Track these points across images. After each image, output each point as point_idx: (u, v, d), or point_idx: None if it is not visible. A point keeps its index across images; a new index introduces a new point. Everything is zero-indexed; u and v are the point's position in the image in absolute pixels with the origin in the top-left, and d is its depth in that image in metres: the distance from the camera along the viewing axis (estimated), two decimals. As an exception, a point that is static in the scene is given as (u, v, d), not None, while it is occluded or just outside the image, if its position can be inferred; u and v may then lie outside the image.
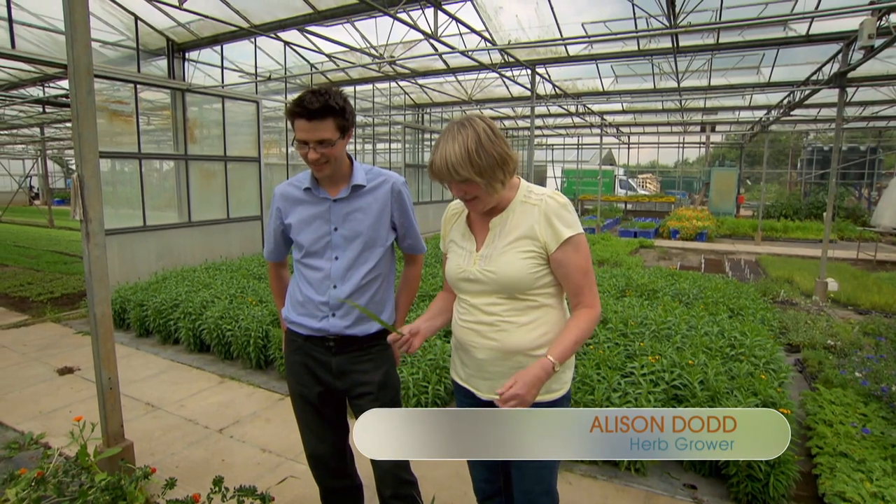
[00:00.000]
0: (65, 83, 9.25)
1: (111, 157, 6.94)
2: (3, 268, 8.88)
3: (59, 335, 5.36)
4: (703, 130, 21.47)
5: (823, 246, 7.14)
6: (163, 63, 8.01)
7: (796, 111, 13.37)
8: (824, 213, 7.14)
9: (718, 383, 3.00)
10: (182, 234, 7.58)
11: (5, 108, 12.95)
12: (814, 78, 9.17)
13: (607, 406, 2.92)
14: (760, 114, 15.35)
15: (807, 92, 9.61)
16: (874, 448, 2.87)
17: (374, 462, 1.89)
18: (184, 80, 8.06)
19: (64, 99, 9.40)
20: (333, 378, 1.87)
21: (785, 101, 11.79)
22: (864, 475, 2.65)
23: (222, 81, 8.64)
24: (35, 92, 10.55)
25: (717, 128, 21.13)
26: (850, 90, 11.21)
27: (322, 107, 1.61)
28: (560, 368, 1.47)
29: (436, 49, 8.26)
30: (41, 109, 12.68)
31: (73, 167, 2.50)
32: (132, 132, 6.96)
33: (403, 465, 1.94)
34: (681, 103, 14.18)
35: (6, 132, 18.55)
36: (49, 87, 10.29)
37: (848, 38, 6.90)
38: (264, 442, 3.25)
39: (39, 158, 20.29)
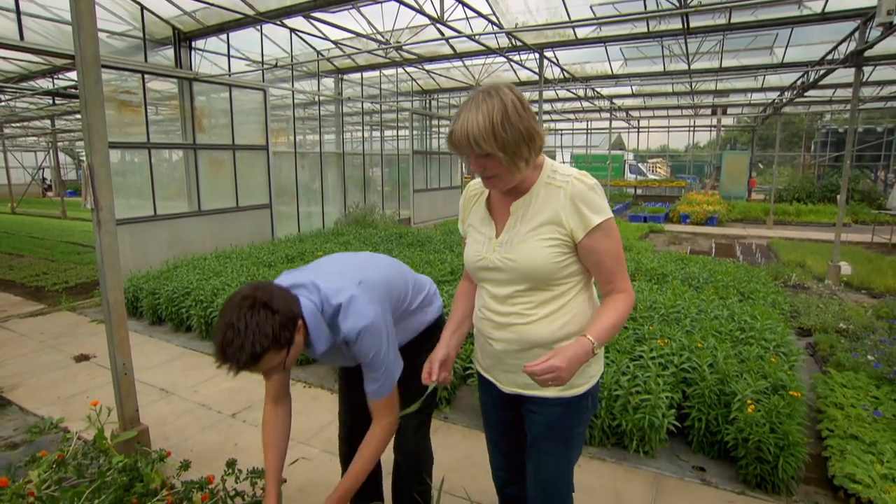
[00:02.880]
0: (73, 74, 9.29)
1: (121, 148, 6.98)
2: (19, 258, 9.02)
3: (75, 323, 5.45)
4: (714, 113, 21.14)
5: (837, 229, 7.04)
6: (169, 52, 8.00)
7: (810, 92, 13.06)
8: (838, 196, 7.02)
9: (728, 366, 2.99)
10: (192, 223, 7.64)
11: (16, 100, 13.05)
12: (829, 57, 8.96)
13: (616, 390, 2.93)
14: (773, 95, 15.05)
15: (822, 72, 9.39)
16: (885, 431, 2.86)
17: (398, 438, 1.94)
18: (191, 69, 8.05)
19: (73, 90, 9.46)
20: None
21: (799, 82, 11.55)
22: (875, 457, 2.64)
23: (229, 70, 8.62)
24: (45, 84, 10.60)
25: (729, 110, 20.77)
26: (867, 69, 10.92)
27: (249, 359, 1.36)
28: (598, 351, 1.38)
29: (442, 34, 8.17)
30: (51, 101, 12.76)
31: (84, 158, 2.52)
32: (141, 122, 7.00)
33: (425, 446, 2.00)
34: (691, 86, 13.94)
35: (18, 124, 18.72)
36: (58, 78, 10.34)
37: (865, 16, 6.71)
38: (276, 426, 3.30)
39: (51, 150, 20.48)
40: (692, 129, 23.26)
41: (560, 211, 1.38)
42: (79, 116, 14.97)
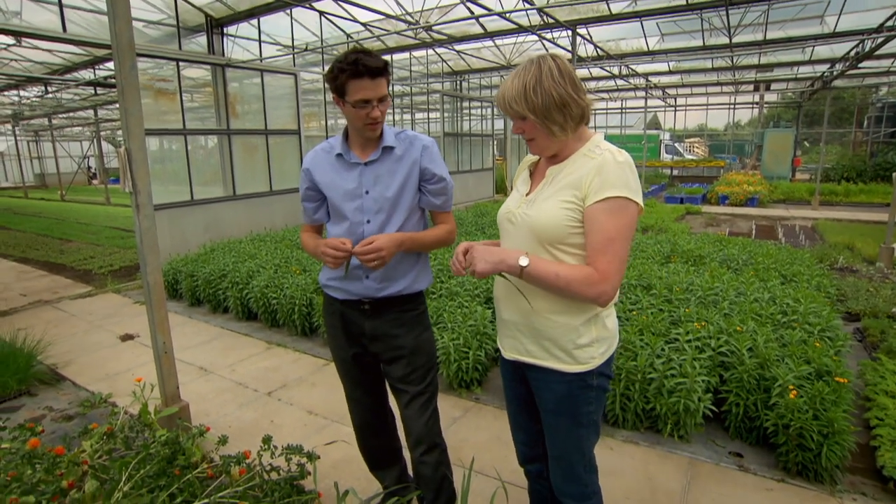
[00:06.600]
0: (112, 64, 9.58)
1: (158, 134, 7.18)
2: (69, 243, 9.46)
3: (120, 305, 5.70)
4: (756, 89, 20.12)
5: (892, 208, 6.65)
6: (202, 39, 8.14)
7: (865, 63, 12.30)
8: (894, 174, 6.62)
9: (768, 350, 2.88)
10: (227, 207, 7.83)
11: (62, 91, 13.58)
12: (889, 24, 8.39)
13: (650, 373, 2.86)
14: (822, 68, 14.23)
15: (880, 40, 8.80)
16: (940, 419, 2.71)
17: (406, 424, 1.94)
18: (223, 55, 8.18)
19: (112, 79, 9.74)
20: (368, 341, 1.91)
21: (853, 53, 10.87)
22: (928, 447, 2.51)
23: (260, 55, 8.71)
24: (87, 74, 10.98)
25: (773, 86, 19.74)
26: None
27: (384, 65, 1.68)
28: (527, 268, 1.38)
29: (472, 12, 8.03)
30: (93, 91, 13.22)
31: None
32: (177, 110, 7.16)
33: (436, 431, 1.96)
34: (732, 61, 13.31)
35: (64, 115, 19.49)
36: (99, 68, 10.70)
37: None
38: (310, 405, 3.38)
39: (95, 140, 21.26)
40: (732, 106, 22.26)
41: (584, 176, 1.41)
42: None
